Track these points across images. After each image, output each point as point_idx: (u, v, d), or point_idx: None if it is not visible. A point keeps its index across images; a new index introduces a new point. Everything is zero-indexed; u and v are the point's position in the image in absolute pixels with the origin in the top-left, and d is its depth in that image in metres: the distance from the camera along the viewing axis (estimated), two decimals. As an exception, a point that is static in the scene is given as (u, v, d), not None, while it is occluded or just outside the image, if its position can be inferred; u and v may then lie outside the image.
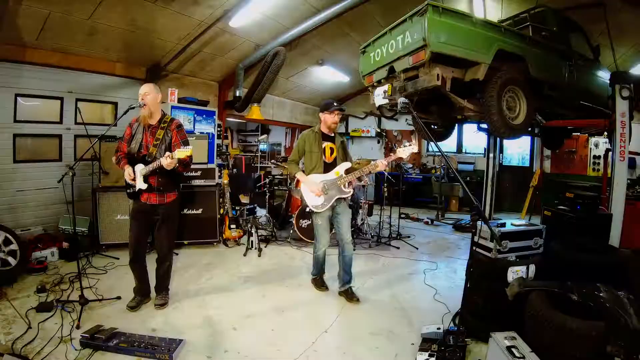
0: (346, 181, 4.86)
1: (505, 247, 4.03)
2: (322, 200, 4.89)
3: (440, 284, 5.64)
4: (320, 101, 13.79)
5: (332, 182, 4.89)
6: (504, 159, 12.34)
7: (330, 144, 5.04)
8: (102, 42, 6.89)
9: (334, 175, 4.92)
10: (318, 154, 4.98)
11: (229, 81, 9.82)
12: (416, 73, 5.04)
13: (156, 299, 4.70)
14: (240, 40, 8.07)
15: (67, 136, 7.21)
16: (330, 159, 5.02)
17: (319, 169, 4.97)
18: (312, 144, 5.02)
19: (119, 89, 7.89)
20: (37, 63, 6.62)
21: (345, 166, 4.96)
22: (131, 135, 4.46)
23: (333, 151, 5.04)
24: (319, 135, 5.05)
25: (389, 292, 5.34)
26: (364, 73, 6.12)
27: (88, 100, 7.46)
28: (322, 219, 4.99)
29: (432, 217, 10.66)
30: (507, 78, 4.98)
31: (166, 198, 4.48)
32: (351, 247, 5.08)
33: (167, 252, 4.68)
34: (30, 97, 6.72)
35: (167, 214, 4.52)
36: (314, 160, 4.99)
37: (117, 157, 4.49)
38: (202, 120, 8.42)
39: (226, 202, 7.64)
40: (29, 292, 4.91)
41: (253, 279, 5.76)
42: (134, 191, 4.45)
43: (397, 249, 7.49)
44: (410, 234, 8.67)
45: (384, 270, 6.29)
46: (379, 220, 8.60)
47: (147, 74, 8.16)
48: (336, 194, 4.90)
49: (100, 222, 6.63)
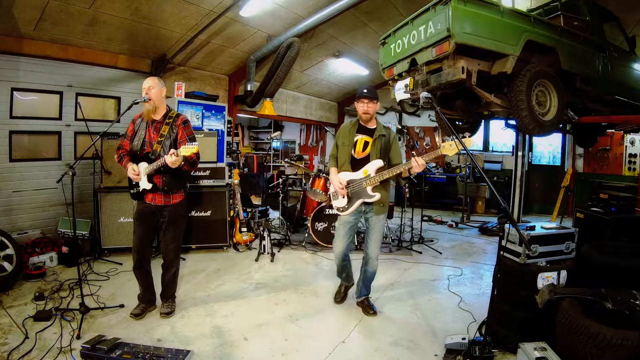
0: (373, 183, 4.47)
1: (535, 251, 4.00)
2: (344, 203, 4.65)
3: (465, 291, 5.63)
4: (337, 95, 14.29)
5: (357, 183, 4.56)
6: (534, 157, 12.35)
7: (366, 137, 4.62)
8: (104, 33, 6.90)
9: (362, 174, 4.55)
10: (348, 148, 4.65)
11: (239, 74, 9.82)
12: (440, 66, 5.01)
13: (162, 307, 4.70)
14: (252, 30, 8.07)
15: (67, 133, 7.21)
16: (360, 155, 4.62)
17: (346, 165, 4.65)
18: (346, 136, 4.70)
19: (122, 82, 7.90)
20: (34, 55, 6.61)
21: (377, 165, 4.51)
22: (134, 132, 4.46)
23: (367, 146, 4.61)
24: (354, 126, 4.71)
25: (410, 300, 5.32)
26: (383, 66, 6.10)
27: (89, 94, 7.46)
28: (341, 225, 4.75)
29: (456, 219, 10.64)
30: (537, 71, 4.97)
31: (172, 199, 4.47)
32: (376, 263, 4.79)
33: (173, 257, 4.65)
34: (27, 92, 6.72)
35: (173, 216, 4.50)
36: (343, 154, 4.69)
37: (119, 155, 4.49)
38: (211, 116, 8.39)
39: (237, 204, 7.63)
40: (26, 300, 4.91)
41: (265, 285, 5.76)
42: (138, 191, 4.46)
43: (419, 254, 7.48)
44: (434, 238, 8.68)
45: (405, 276, 6.28)
46: (400, 223, 8.64)
47: (152, 67, 8.20)
48: (361, 198, 4.55)
49: (102, 225, 6.61)
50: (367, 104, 4.57)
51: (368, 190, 4.51)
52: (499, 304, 3.92)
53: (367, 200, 4.55)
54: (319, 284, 5.86)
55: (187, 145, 4.01)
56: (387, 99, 6.74)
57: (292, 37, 7.85)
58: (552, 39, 5.16)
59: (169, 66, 8.47)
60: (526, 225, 4.34)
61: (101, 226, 6.62)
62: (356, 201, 4.59)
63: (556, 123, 5.28)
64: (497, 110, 5.87)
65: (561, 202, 9.48)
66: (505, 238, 4.12)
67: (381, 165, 4.52)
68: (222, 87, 9.93)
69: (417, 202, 9.65)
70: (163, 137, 4.36)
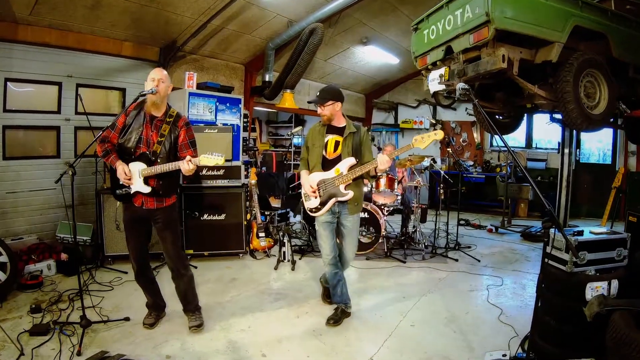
0: (345, 181, 4.75)
1: (583, 259, 3.98)
2: (316, 203, 4.91)
3: (506, 303, 5.62)
4: (365, 86, 14.40)
5: (330, 182, 4.83)
6: (582, 155, 12.25)
7: (336, 137, 4.91)
8: (107, 18, 6.92)
9: (333, 173, 4.83)
10: (319, 149, 4.94)
11: (257, 63, 9.88)
12: (478, 54, 5.05)
13: (190, 321, 4.70)
14: (271, 15, 8.12)
15: (67, 128, 7.25)
16: (332, 155, 4.91)
17: (318, 166, 4.94)
18: (316, 137, 5.01)
19: (128, 72, 7.96)
20: (30, 42, 6.62)
21: (349, 163, 4.79)
22: (125, 125, 4.35)
23: (338, 145, 4.90)
24: (324, 127, 5.00)
25: (445, 313, 5.32)
26: (416, 54, 6.15)
27: (91, 86, 7.51)
28: (320, 225, 4.98)
29: (496, 223, 10.67)
30: (585, 60, 4.96)
31: (165, 202, 4.48)
32: (349, 265, 5.35)
33: (178, 261, 4.63)
34: (22, 82, 6.73)
35: (167, 219, 4.51)
36: (314, 156, 4.98)
37: (103, 148, 4.34)
38: (226, 110, 8.40)
39: (254, 207, 7.62)
40: (21, 313, 4.92)
41: (286, 296, 5.79)
42: (127, 193, 4.39)
43: (455, 262, 7.52)
44: (471, 244, 8.74)
45: (440, 286, 6.29)
46: (434, 227, 8.65)
47: (161, 56, 8.28)
48: (334, 196, 4.83)
49: (106, 230, 6.63)
50: (318, 107, 4.85)
51: (341, 189, 4.80)
52: (543, 317, 3.92)
53: (341, 198, 4.84)
54: None
55: (208, 155, 4.05)
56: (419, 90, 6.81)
57: (315, 22, 7.85)
58: (601, 24, 5.15)
59: (179, 54, 8.50)
60: (573, 230, 4.30)
61: (104, 231, 6.63)
62: (329, 200, 4.84)
63: (606, 117, 5.27)
64: (541, 103, 5.91)
65: (612, 204, 9.37)
66: (550, 244, 4.04)
67: (353, 163, 4.80)
68: (237, 78, 9.99)
69: (453, 205, 9.65)
70: (163, 138, 4.33)
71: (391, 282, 6.41)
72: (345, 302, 5.17)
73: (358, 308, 5.42)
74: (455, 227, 8.88)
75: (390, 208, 8.24)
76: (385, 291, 6.04)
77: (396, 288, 6.14)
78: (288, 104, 9.86)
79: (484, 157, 13.69)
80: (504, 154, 12.89)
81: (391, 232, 9.15)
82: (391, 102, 15.14)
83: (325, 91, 4.83)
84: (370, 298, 5.78)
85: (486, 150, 13.81)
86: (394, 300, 5.70)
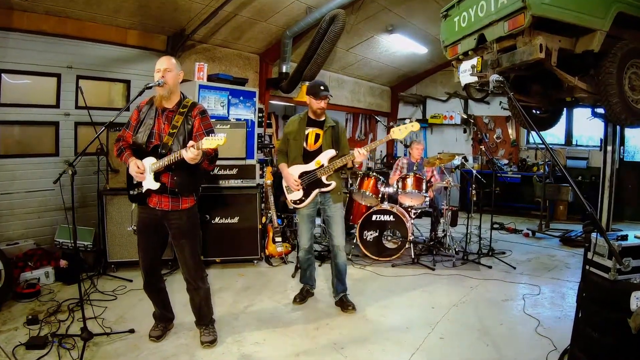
0: (328, 172, 5.34)
1: (628, 265, 3.93)
2: (299, 195, 5.49)
3: (543, 314, 5.61)
4: (390, 78, 14.44)
5: (312, 174, 5.41)
6: (626, 153, 12.17)
7: (316, 130, 5.51)
8: (110, 3, 6.95)
9: (314, 165, 5.43)
10: (300, 142, 5.49)
11: (273, 53, 9.93)
12: (513, 43, 5.10)
13: (202, 336, 4.67)
14: (287, 0, 8.17)
15: (66, 124, 7.26)
16: (313, 147, 5.51)
17: (298, 159, 5.50)
18: (296, 130, 5.54)
19: (132, 63, 8.00)
20: (26, 30, 6.62)
21: (329, 154, 5.42)
22: (139, 121, 4.40)
23: (319, 138, 5.50)
24: (304, 120, 5.56)
25: (478, 324, 5.33)
26: (446, 43, 6.25)
27: (92, 77, 7.52)
28: (301, 217, 5.63)
29: (533, 227, 10.65)
30: (630, 49, 5.00)
31: (181, 203, 4.40)
32: (344, 254, 5.66)
33: (195, 273, 4.57)
34: (18, 74, 6.73)
35: (184, 225, 4.45)
36: (295, 148, 5.53)
37: (118, 147, 4.43)
38: (239, 104, 8.46)
39: (269, 209, 7.59)
40: (16, 324, 4.92)
41: (304, 306, 5.83)
42: (140, 193, 4.38)
43: (488, 269, 7.56)
44: (506, 250, 8.77)
45: (472, 295, 6.31)
46: (465, 231, 8.72)
47: (168, 45, 8.31)
48: (316, 187, 5.44)
49: (109, 234, 6.65)
50: (326, 101, 5.41)
51: (323, 180, 5.41)
52: (584, 328, 3.88)
53: (324, 189, 5.45)
54: (368, 304, 5.86)
55: (211, 136, 3.93)
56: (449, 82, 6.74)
57: (336, 8, 7.85)
58: (647, 11, 5.10)
59: (189, 43, 8.52)
60: (617, 234, 4.25)
61: (107, 235, 6.65)
62: (312, 191, 5.44)
63: (653, 111, 5.22)
64: (581, 97, 5.87)
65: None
66: (592, 250, 4.00)
67: (334, 155, 5.43)
68: (252, 69, 10.06)
69: (486, 207, 9.61)
70: (176, 129, 4.28)
71: (419, 291, 6.42)
72: (311, 284, 6.01)
73: (383, 319, 5.45)
74: (488, 231, 8.84)
75: (417, 210, 8.32)
76: (412, 301, 6.06)
77: (424, 297, 6.17)
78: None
79: (519, 155, 13.64)
80: (541, 151, 12.83)
81: (419, 236, 9.21)
82: (419, 96, 15.12)
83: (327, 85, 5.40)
84: (395, 308, 5.78)
85: (522, 147, 13.76)
86: (422, 311, 5.71)
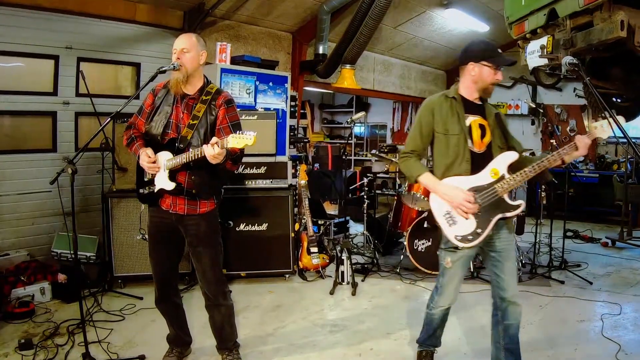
0: (513, 186, 3.76)
1: None
2: (473, 227, 3.76)
3: (625, 337, 5.33)
4: (446, 61, 14.79)
5: (488, 192, 3.77)
6: None
7: (480, 120, 3.90)
8: None
9: (489, 177, 3.78)
10: (459, 138, 3.83)
11: (308, 32, 9.77)
12: (590, 19, 4.98)
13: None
14: None
15: (65, 114, 7.02)
16: (482, 147, 3.88)
17: (462, 165, 3.83)
18: (447, 120, 3.87)
19: (143, 43, 7.76)
20: (19, 4, 6.32)
21: (510, 159, 3.79)
22: (153, 107, 4.14)
23: (485, 132, 3.88)
24: (458, 103, 3.90)
25: (549, 350, 5.02)
26: (511, 19, 6.16)
27: (96, 60, 7.32)
28: (456, 259, 3.92)
29: (613, 235, 10.02)
30: None
31: (199, 207, 4.09)
32: (519, 308, 3.94)
33: (216, 287, 4.27)
34: (8, 56, 6.50)
35: (202, 232, 4.14)
36: (453, 148, 3.86)
37: (128, 136, 4.20)
38: (268, 90, 8.17)
39: (304, 214, 7.36)
40: (6, 349, 4.69)
41: (344, 328, 5.57)
42: (152, 192, 4.11)
43: (560, 284, 7.16)
44: (581, 262, 8.29)
45: (542, 315, 6.01)
46: (533, 240, 8.05)
47: (185, 22, 8.03)
48: (498, 212, 3.77)
49: (115, 244, 6.40)
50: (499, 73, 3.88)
51: (506, 199, 3.80)
52: None
53: (508, 214, 3.82)
54: (419, 326, 5.20)
55: (238, 134, 3.61)
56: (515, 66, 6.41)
57: None
58: None
59: (209, 20, 8.23)
60: None
61: (113, 245, 6.40)
62: (492, 218, 3.78)
63: None
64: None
65: None
66: None
67: (515, 159, 3.80)
68: (283, 50, 9.91)
69: (558, 211, 9.15)
70: (197, 120, 4.00)
71: (479, 310, 6.04)
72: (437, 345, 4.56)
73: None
74: (560, 240, 8.32)
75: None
76: (472, 321, 5.79)
77: (485, 317, 5.40)
78: (347, 83, 9.63)
79: (597, 150, 13.00)
80: (623, 146, 12.10)
81: (478, 247, 8.67)
82: (479, 81, 15.00)
83: None
84: (451, 329, 5.34)
85: (600, 142, 13.07)
86: (483, 333, 5.15)
